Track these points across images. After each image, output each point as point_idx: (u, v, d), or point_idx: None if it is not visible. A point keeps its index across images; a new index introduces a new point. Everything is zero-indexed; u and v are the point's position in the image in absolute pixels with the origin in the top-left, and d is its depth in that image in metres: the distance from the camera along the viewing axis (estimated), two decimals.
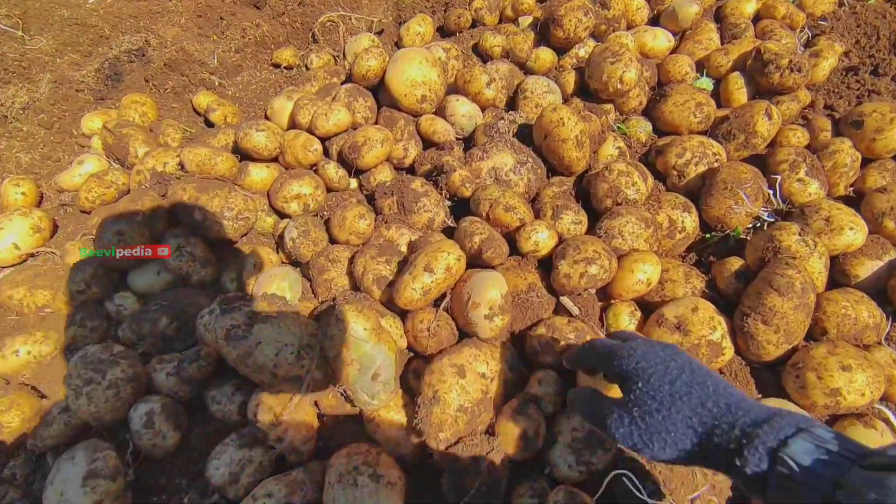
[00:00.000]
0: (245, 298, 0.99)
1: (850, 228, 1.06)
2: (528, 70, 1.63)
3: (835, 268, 1.11)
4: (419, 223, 1.27)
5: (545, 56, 1.59)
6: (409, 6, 2.00)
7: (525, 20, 1.76)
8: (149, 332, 1.14)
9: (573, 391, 0.79)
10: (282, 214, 1.34)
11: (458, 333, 1.06)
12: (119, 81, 1.75)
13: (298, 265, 1.25)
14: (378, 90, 1.54)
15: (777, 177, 1.19)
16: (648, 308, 1.11)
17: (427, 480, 0.93)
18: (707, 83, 1.52)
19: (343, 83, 1.63)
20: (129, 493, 0.93)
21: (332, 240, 1.26)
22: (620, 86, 1.38)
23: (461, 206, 1.31)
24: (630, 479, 0.80)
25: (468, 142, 1.48)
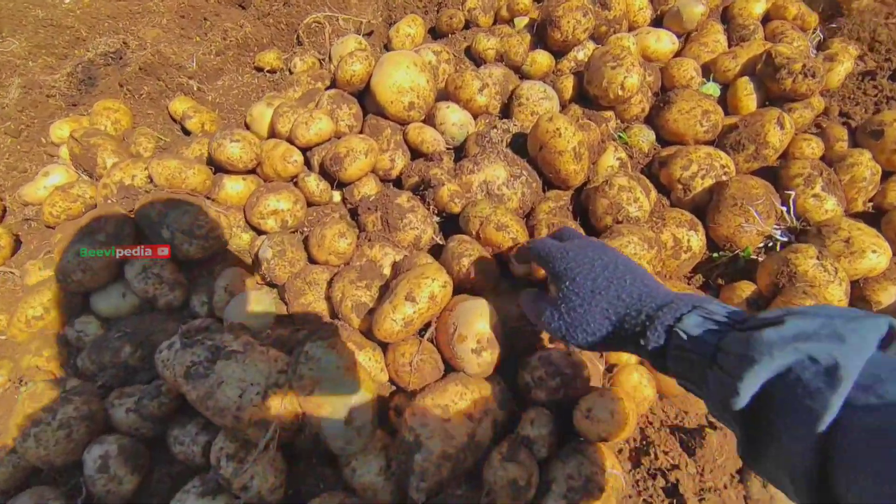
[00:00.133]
0: (208, 330, 0.90)
1: (873, 251, 0.97)
2: (524, 74, 1.54)
3: (853, 292, 1.02)
4: (405, 241, 1.18)
5: (542, 60, 1.50)
6: (401, 6, 1.91)
7: (521, 21, 1.66)
8: (110, 362, 1.05)
9: (524, 292, 0.83)
10: (259, 231, 1.25)
11: (445, 365, 0.97)
12: (93, 86, 1.66)
13: (276, 286, 1.17)
14: (364, 96, 1.45)
15: (791, 192, 1.10)
16: None
17: None
18: (714, 89, 1.43)
19: (328, 88, 1.53)
20: None
21: (312, 259, 1.17)
22: (622, 92, 1.29)
23: (451, 222, 1.22)
24: None
25: (460, 151, 1.39)
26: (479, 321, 0.88)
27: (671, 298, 0.59)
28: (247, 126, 1.49)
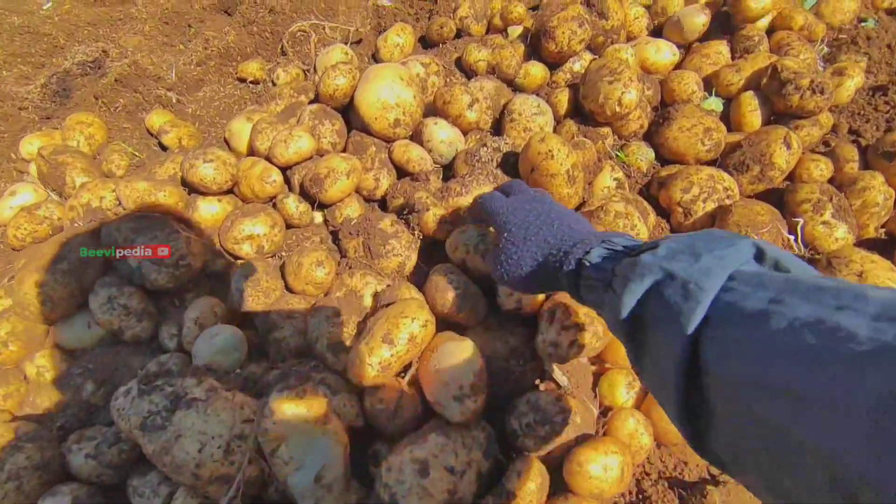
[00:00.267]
0: (170, 374, 0.83)
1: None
2: (517, 87, 1.47)
3: None
4: (388, 269, 1.11)
5: (536, 72, 1.43)
6: (391, 13, 1.84)
7: (515, 30, 1.59)
8: (70, 401, 0.98)
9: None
10: (234, 256, 1.18)
11: (428, 409, 0.90)
12: (67, 98, 1.59)
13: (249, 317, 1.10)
14: (349, 110, 1.38)
15: (799, 220, 1.03)
16: None
17: None
18: (716, 104, 1.36)
19: (312, 101, 1.46)
20: None
21: (289, 288, 1.11)
22: (619, 109, 1.22)
23: (439, 247, 1.15)
24: None
25: (449, 169, 1.32)
26: (464, 366, 0.82)
27: (585, 236, 0.64)
28: (226, 141, 1.42)
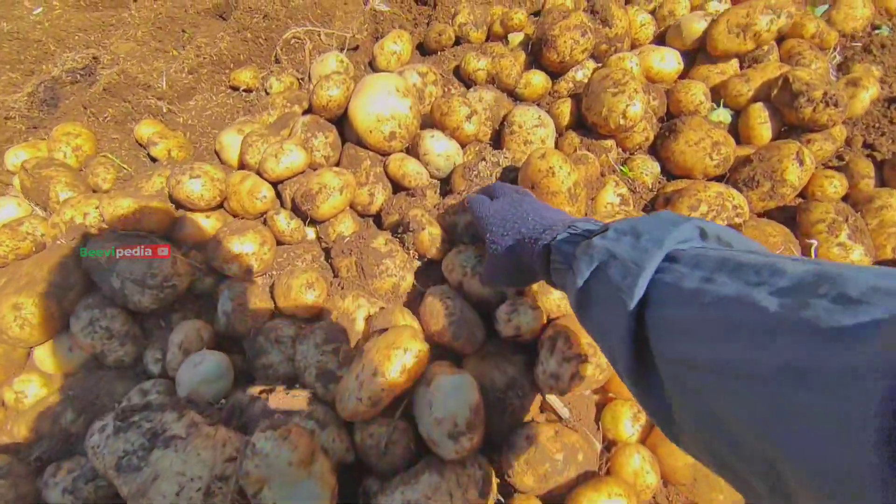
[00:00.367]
0: (149, 408, 0.79)
1: None
2: (518, 97, 1.42)
3: None
4: (382, 290, 1.06)
5: (537, 81, 1.38)
6: (388, 19, 1.79)
7: (515, 38, 1.55)
8: (49, 430, 0.94)
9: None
10: (222, 276, 1.14)
11: (421, 444, 0.86)
12: (55, 107, 1.54)
13: (239, 339, 1.06)
14: (343, 121, 1.34)
15: (813, 242, 0.98)
16: None
17: None
18: (724, 115, 1.31)
19: (305, 112, 1.42)
20: None
21: (278, 310, 1.06)
22: (623, 122, 1.17)
23: (436, 266, 1.10)
24: None
25: (446, 182, 1.27)
26: (459, 402, 0.77)
27: (554, 222, 0.66)
28: (217, 154, 1.38)
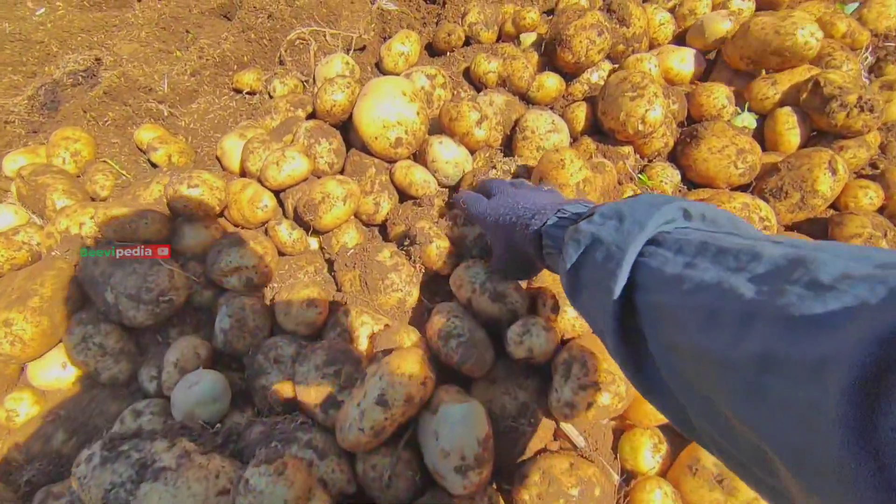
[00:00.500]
0: (139, 437, 0.75)
1: None
2: (530, 100, 1.36)
3: None
4: (387, 305, 1.01)
5: (550, 84, 1.32)
6: (396, 18, 1.73)
7: (528, 38, 1.48)
8: (39, 452, 0.90)
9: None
10: (221, 289, 1.09)
11: (427, 475, 0.81)
12: (55, 111, 1.51)
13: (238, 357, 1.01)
14: (348, 127, 1.29)
15: None
16: (678, 438, 0.85)
17: None
18: (749, 120, 1.24)
19: (309, 116, 1.37)
20: None
21: (279, 326, 1.02)
22: (642, 127, 1.11)
23: (444, 279, 1.05)
24: None
25: (455, 191, 1.22)
26: (467, 434, 0.72)
27: (542, 207, 0.66)
28: (218, 159, 1.33)
